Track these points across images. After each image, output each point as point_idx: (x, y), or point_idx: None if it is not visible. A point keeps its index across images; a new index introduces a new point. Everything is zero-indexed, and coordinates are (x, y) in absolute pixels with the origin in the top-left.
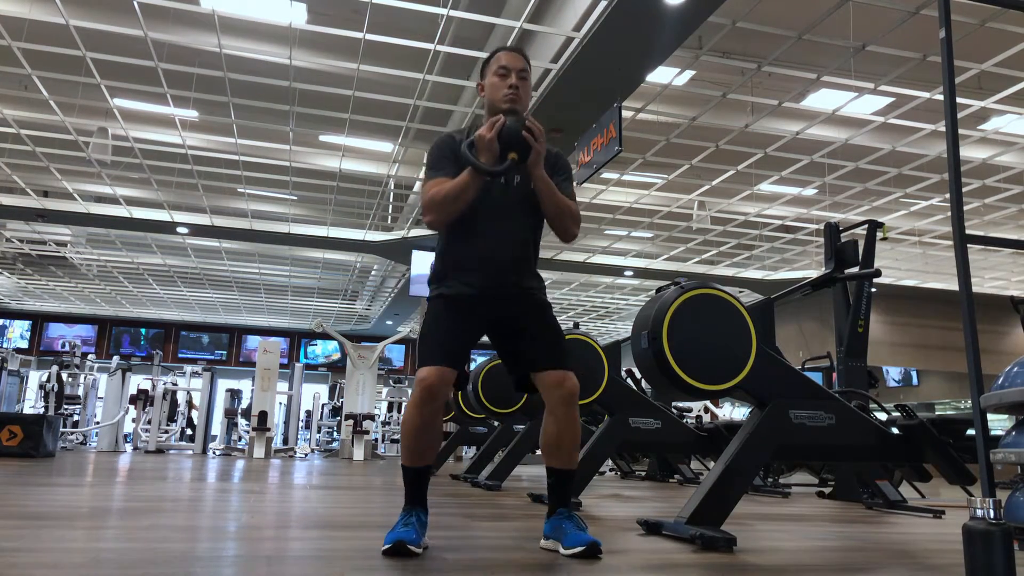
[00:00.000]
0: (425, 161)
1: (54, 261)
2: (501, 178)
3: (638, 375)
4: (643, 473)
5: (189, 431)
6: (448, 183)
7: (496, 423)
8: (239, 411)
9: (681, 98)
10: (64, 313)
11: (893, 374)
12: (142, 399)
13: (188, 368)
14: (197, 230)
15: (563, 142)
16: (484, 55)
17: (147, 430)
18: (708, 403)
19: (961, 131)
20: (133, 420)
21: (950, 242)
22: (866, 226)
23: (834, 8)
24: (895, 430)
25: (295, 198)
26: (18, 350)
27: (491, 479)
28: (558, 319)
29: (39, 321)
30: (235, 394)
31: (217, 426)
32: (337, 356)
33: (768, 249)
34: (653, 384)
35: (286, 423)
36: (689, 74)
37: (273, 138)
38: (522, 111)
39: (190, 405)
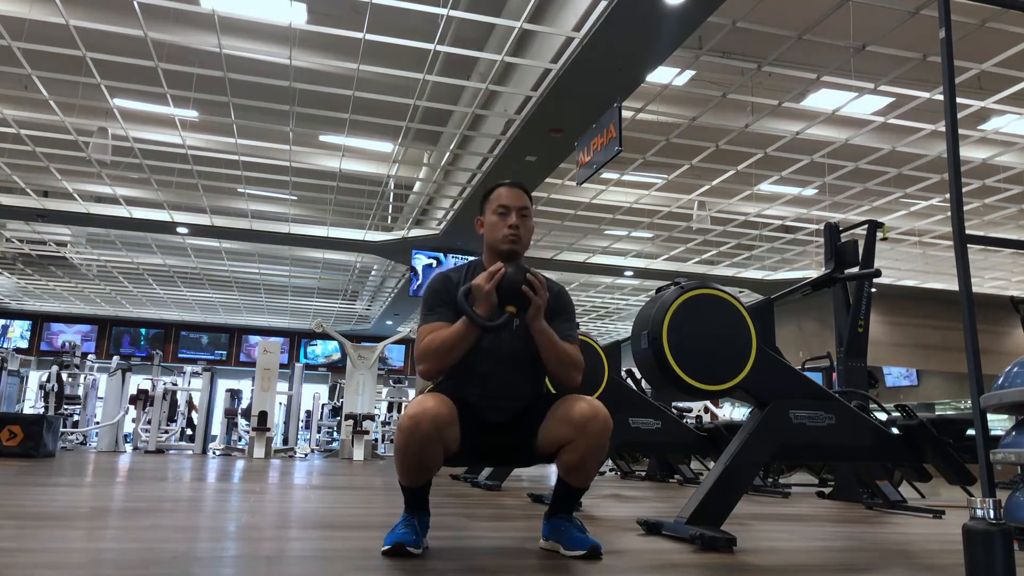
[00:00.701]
0: (421, 303)
1: (54, 261)
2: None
3: (638, 375)
4: (643, 473)
5: (189, 431)
6: (443, 332)
7: None
8: (239, 411)
9: (681, 98)
10: (64, 313)
11: (896, 374)
12: (142, 399)
13: (188, 368)
14: (197, 230)
15: (563, 142)
16: (484, 55)
17: (147, 430)
18: (708, 403)
19: (961, 131)
20: (133, 420)
21: (950, 242)
22: (866, 226)
23: (834, 8)
24: (895, 430)
25: (295, 198)
26: (18, 350)
27: (491, 479)
28: None
29: (39, 321)
30: (235, 394)
31: (217, 426)
32: (337, 356)
33: (768, 249)
34: (653, 384)
35: (286, 423)
36: (689, 74)
37: (273, 138)
38: (523, 252)
39: (190, 405)
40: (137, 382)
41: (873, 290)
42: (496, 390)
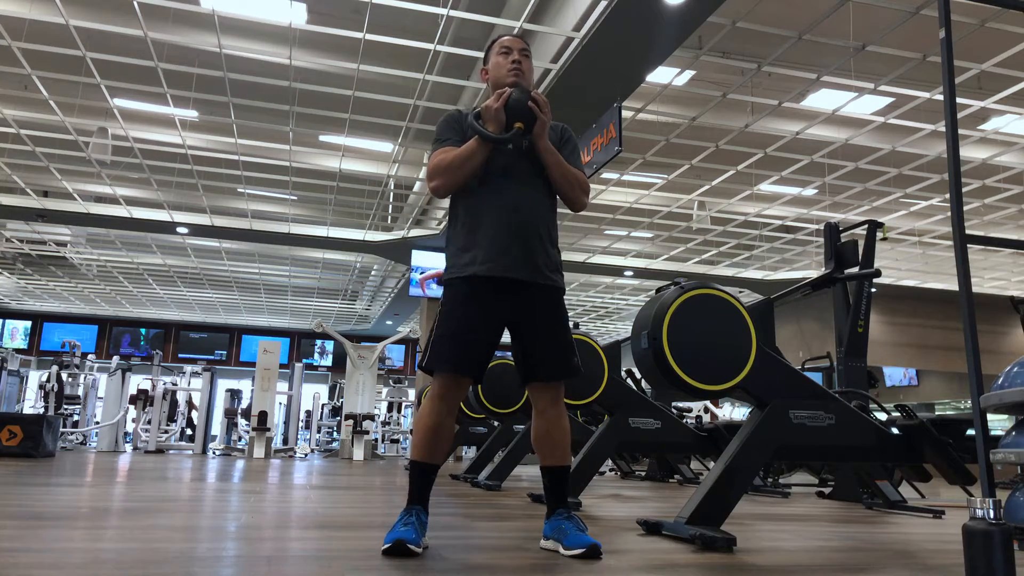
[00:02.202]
0: (433, 137)
1: (54, 261)
2: (508, 146)
3: (638, 375)
4: (643, 473)
5: (189, 431)
6: (454, 150)
7: (496, 423)
8: (239, 411)
9: (681, 98)
10: (64, 313)
11: (896, 376)
12: (142, 399)
13: (188, 368)
14: (197, 230)
15: None
16: (483, 54)
17: (147, 430)
18: (708, 403)
19: (961, 131)
20: (133, 420)
21: (950, 242)
22: (866, 226)
23: (834, 8)
24: (895, 430)
25: (295, 198)
26: (18, 350)
27: (491, 479)
28: None
29: (39, 321)
30: (235, 394)
31: (217, 426)
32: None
33: (768, 249)
34: (653, 384)
35: (286, 423)
36: (689, 74)
37: (273, 138)
38: (526, 85)
39: (190, 405)
40: (137, 382)
41: (873, 290)
42: (515, 205)
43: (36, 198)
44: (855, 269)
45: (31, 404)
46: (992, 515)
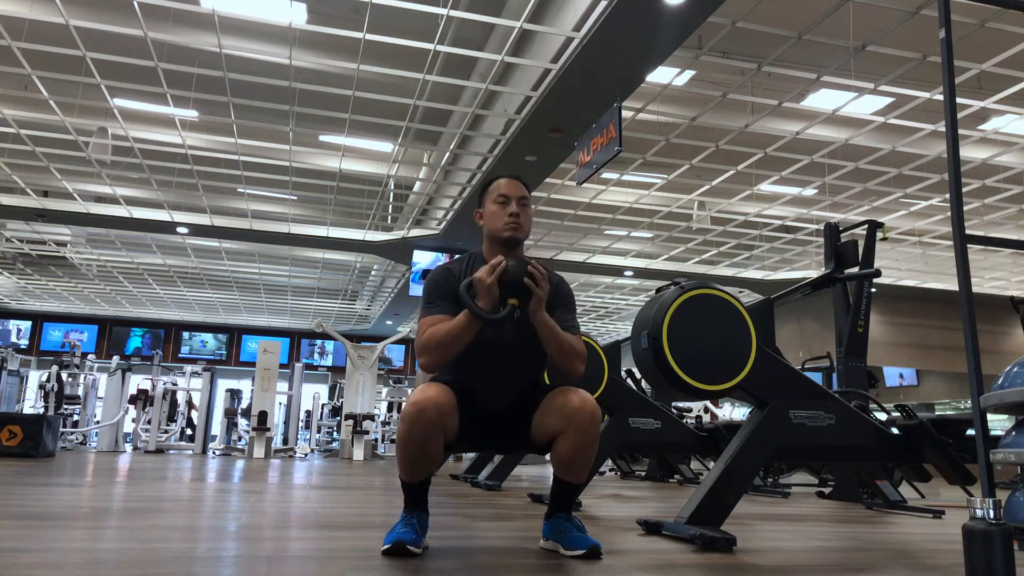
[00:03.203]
0: (422, 296)
1: (54, 261)
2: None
3: (638, 375)
4: (643, 473)
5: (189, 431)
6: (444, 325)
7: None
8: (239, 411)
9: (681, 98)
10: (64, 313)
11: (896, 375)
12: (142, 399)
13: (188, 368)
14: (197, 230)
15: (563, 142)
16: (484, 55)
17: (147, 430)
18: (708, 403)
19: (961, 131)
20: (133, 420)
21: (950, 242)
22: (866, 226)
23: (834, 8)
24: (895, 430)
25: (295, 198)
26: (18, 350)
27: (491, 479)
28: None
29: (39, 321)
30: (235, 394)
31: (217, 426)
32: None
33: (768, 249)
34: (653, 384)
35: (286, 423)
36: (689, 74)
37: (273, 138)
38: (523, 239)
39: (190, 405)
40: (137, 382)
41: (873, 290)
42: (497, 380)
43: (36, 198)
44: (855, 269)
45: (31, 404)
46: (992, 515)
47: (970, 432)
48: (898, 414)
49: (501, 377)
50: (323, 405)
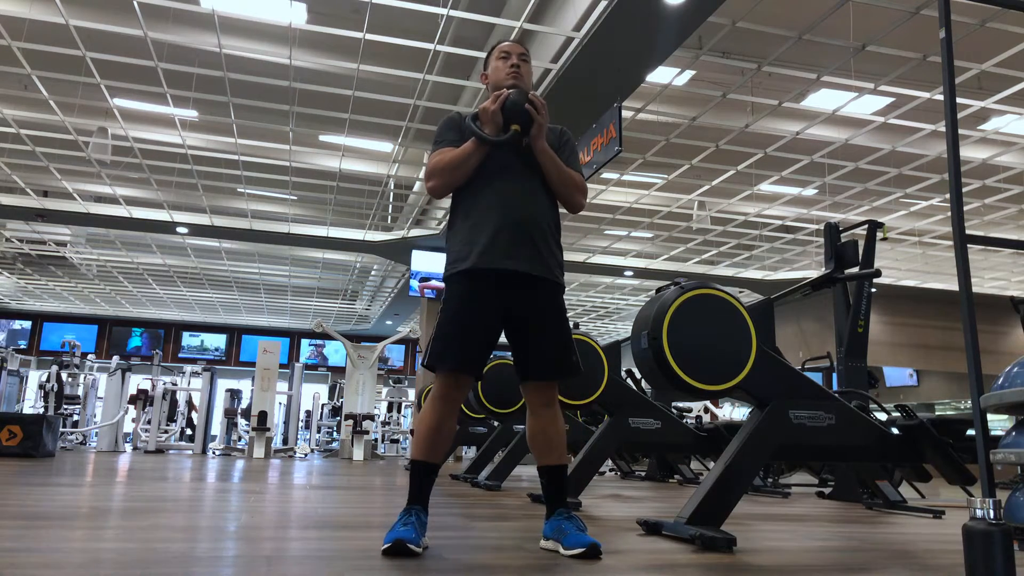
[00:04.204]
0: (433, 140)
1: (54, 261)
2: (504, 148)
3: (638, 375)
4: (643, 473)
5: (189, 431)
6: (452, 150)
7: (496, 423)
8: (239, 411)
9: (681, 98)
10: (64, 313)
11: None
12: (142, 399)
13: (188, 368)
14: (197, 230)
15: None
16: (484, 55)
17: (147, 430)
18: (708, 403)
19: (961, 131)
20: (133, 420)
21: (950, 242)
22: (866, 226)
23: (834, 8)
24: (895, 430)
25: (295, 198)
26: (18, 350)
27: (491, 479)
28: None
29: (39, 321)
30: (235, 394)
31: (217, 426)
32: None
33: (768, 249)
34: (653, 384)
35: (286, 423)
36: (689, 74)
37: (273, 138)
38: (524, 87)
39: (190, 405)
40: (137, 382)
41: (873, 290)
42: (513, 205)
43: (36, 198)
44: (855, 269)
45: (31, 404)
46: (992, 515)
47: (970, 432)
48: (898, 414)
49: (516, 202)
50: (323, 405)
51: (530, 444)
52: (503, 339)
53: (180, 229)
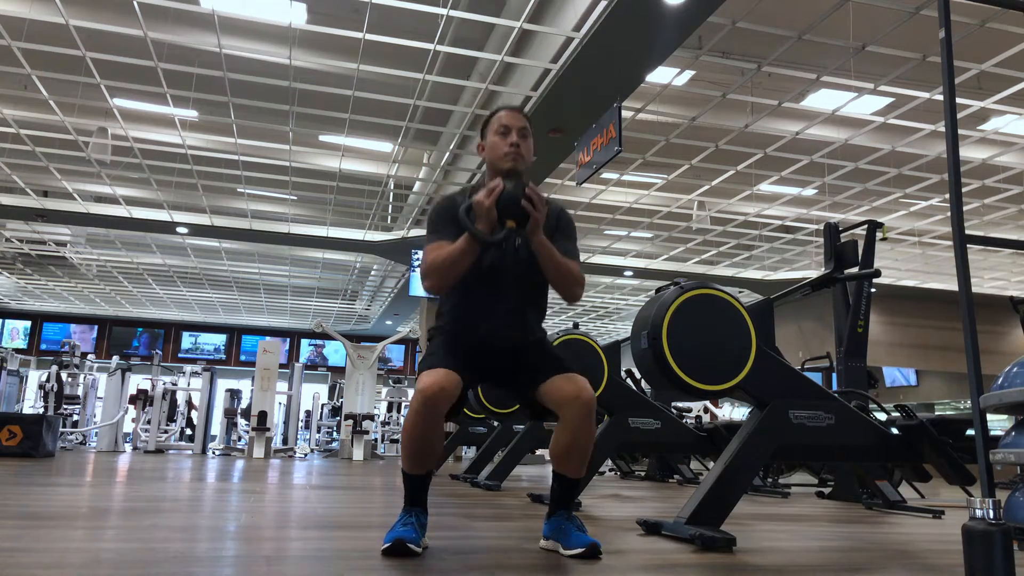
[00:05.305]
0: (427, 224)
1: (53, 261)
2: (499, 246)
3: (638, 375)
4: (643, 473)
5: (188, 431)
6: (447, 248)
7: (496, 423)
8: (239, 411)
9: (681, 98)
10: (64, 313)
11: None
12: (141, 399)
13: (188, 368)
14: (197, 230)
15: (563, 142)
16: (484, 55)
17: (147, 430)
18: (708, 403)
19: (961, 131)
20: (132, 420)
21: (950, 242)
22: (866, 226)
23: (834, 8)
24: (895, 430)
25: (295, 198)
26: (18, 350)
27: (491, 479)
28: (558, 317)
29: (38, 321)
30: (235, 394)
31: (217, 426)
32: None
33: (768, 249)
34: (653, 384)
35: (286, 423)
36: (689, 74)
37: (273, 138)
38: (524, 169)
39: (189, 405)
40: (137, 382)
41: (873, 290)
42: (500, 313)
43: (36, 198)
44: (855, 269)
45: (31, 404)
46: (992, 515)
47: (970, 432)
48: (898, 414)
49: (504, 310)
50: (323, 405)
51: (553, 452)
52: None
53: (180, 229)
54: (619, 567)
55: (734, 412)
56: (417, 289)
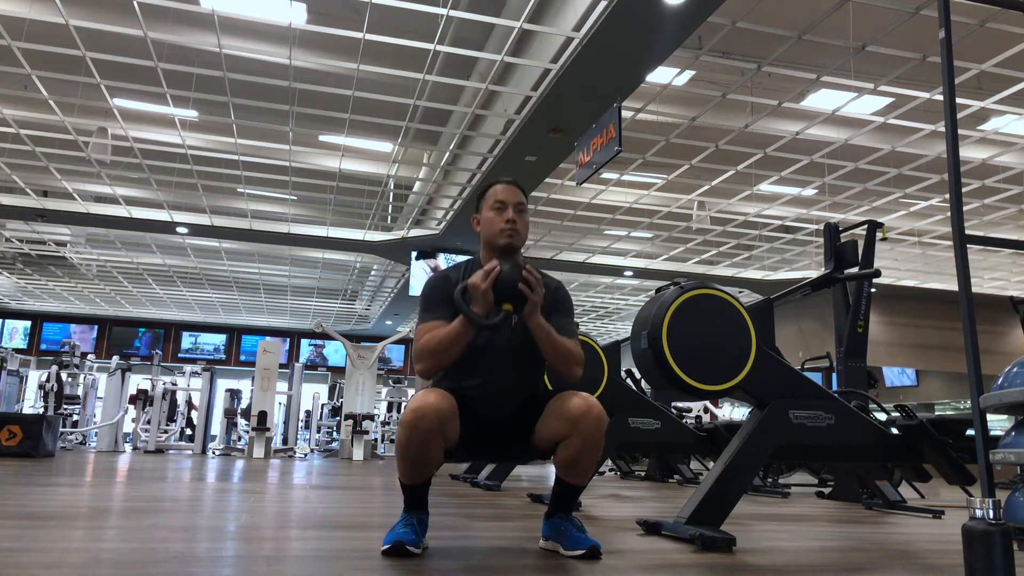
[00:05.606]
0: (419, 302)
1: (53, 261)
2: (495, 330)
3: (638, 375)
4: (643, 473)
5: (188, 431)
6: (441, 331)
7: None
8: (239, 411)
9: (681, 98)
10: (64, 313)
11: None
12: (141, 399)
13: (188, 368)
14: (197, 230)
15: (563, 142)
16: (484, 55)
17: (146, 430)
18: (708, 403)
19: (961, 131)
20: (132, 420)
21: (950, 242)
22: (866, 226)
23: (834, 8)
24: (894, 430)
25: (295, 198)
26: (17, 350)
27: (491, 479)
28: None
29: (38, 321)
30: (235, 394)
31: (217, 426)
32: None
33: (768, 249)
34: (653, 384)
35: (286, 423)
36: (689, 74)
37: (273, 138)
38: (520, 246)
39: (189, 405)
40: (137, 382)
41: (873, 290)
42: (494, 387)
43: (36, 198)
44: (855, 269)
45: (31, 404)
46: (992, 515)
47: (970, 432)
48: (898, 414)
49: (499, 386)
50: (323, 405)
51: (559, 462)
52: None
53: (180, 229)
54: (619, 567)
55: (734, 412)
56: (417, 289)
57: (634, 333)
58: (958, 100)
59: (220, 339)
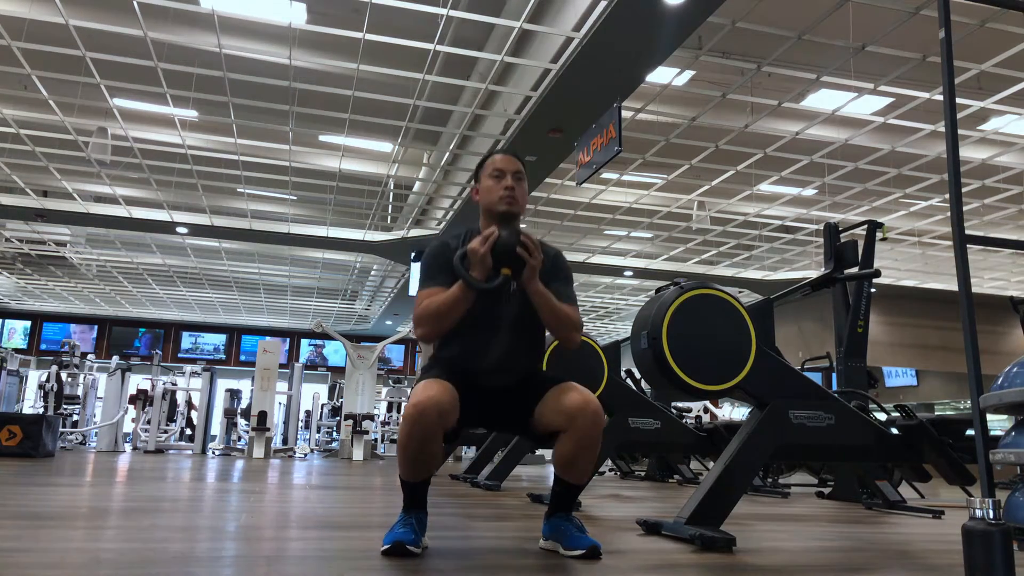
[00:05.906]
0: (420, 270)
1: (53, 261)
2: (494, 293)
3: (638, 375)
4: (643, 473)
5: (188, 431)
6: (440, 296)
7: None
8: (239, 411)
9: (681, 98)
10: (64, 313)
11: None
12: (141, 399)
13: (188, 368)
14: (197, 230)
15: (563, 142)
16: (484, 55)
17: (146, 430)
18: (708, 403)
19: (961, 131)
20: (132, 420)
21: (950, 242)
22: (866, 226)
23: (834, 8)
24: (894, 430)
25: (295, 198)
26: (17, 350)
27: (491, 479)
28: None
29: (38, 321)
30: (235, 394)
31: (216, 426)
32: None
33: (768, 249)
34: (653, 384)
35: (286, 423)
36: (689, 74)
37: (273, 138)
38: (519, 213)
39: (189, 405)
40: (136, 382)
41: (873, 290)
42: (495, 358)
43: (36, 198)
44: (855, 269)
45: (31, 404)
46: (992, 515)
47: (970, 432)
48: (898, 414)
49: (499, 355)
50: (323, 405)
51: (557, 461)
52: None
53: (180, 229)
54: (619, 567)
55: (734, 412)
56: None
57: (634, 333)
58: (958, 100)
59: (220, 339)
